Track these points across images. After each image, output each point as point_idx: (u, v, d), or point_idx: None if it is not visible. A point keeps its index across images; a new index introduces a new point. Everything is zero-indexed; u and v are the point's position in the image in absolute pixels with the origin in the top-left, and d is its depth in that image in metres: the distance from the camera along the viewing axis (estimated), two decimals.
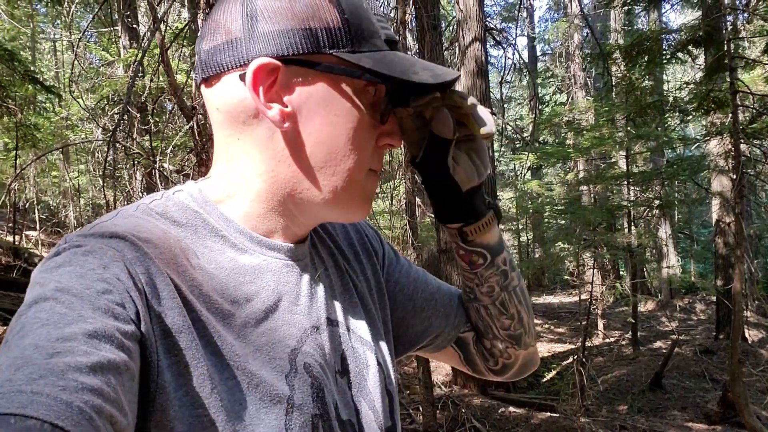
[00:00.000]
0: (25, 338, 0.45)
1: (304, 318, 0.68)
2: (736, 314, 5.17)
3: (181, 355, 0.55)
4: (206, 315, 0.59)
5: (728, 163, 8.09)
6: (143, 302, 0.53)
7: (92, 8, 8.45)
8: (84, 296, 0.49)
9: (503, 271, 0.83)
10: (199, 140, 4.18)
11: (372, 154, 0.68)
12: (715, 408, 5.86)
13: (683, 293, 13.60)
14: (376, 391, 0.73)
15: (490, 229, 0.80)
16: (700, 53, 7.12)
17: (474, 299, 0.86)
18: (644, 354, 8.32)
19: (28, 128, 6.78)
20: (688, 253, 16.96)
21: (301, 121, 0.64)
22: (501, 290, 0.84)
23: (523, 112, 21.80)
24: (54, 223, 12.64)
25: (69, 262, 0.53)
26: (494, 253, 0.81)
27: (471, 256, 0.81)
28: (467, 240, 0.80)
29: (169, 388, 0.53)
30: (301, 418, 0.61)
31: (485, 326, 0.87)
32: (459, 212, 0.78)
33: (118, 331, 0.48)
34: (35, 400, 0.39)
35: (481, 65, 6.84)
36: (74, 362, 0.43)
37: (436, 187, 0.76)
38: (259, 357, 0.61)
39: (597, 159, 10.22)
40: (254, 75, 0.61)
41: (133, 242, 0.57)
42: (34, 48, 14.76)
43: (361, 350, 0.74)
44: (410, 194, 5.39)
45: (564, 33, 15.05)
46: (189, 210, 0.67)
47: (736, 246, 5.29)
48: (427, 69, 0.64)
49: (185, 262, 0.61)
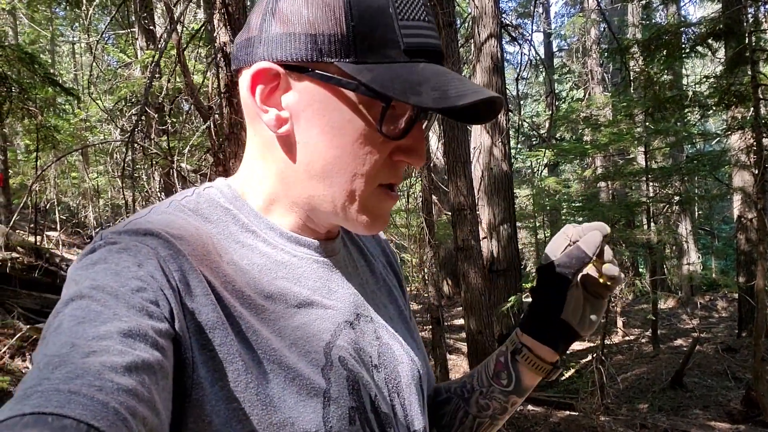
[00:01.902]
0: (62, 335, 0.45)
1: (337, 313, 0.68)
2: (759, 311, 5.09)
3: (216, 350, 0.55)
4: (240, 310, 0.59)
5: (750, 158, 7.94)
6: (177, 300, 0.54)
7: (110, 11, 8.54)
8: (119, 294, 0.50)
9: (505, 408, 0.84)
10: (216, 140, 4.20)
11: (382, 169, 0.64)
12: (738, 407, 5.78)
13: (704, 290, 13.43)
14: (410, 387, 0.74)
15: (538, 374, 0.81)
16: (721, 46, 7.02)
17: (465, 399, 0.87)
18: (665, 352, 8.23)
19: (48, 130, 6.88)
20: (709, 250, 16.76)
21: (297, 128, 0.64)
22: (489, 417, 0.85)
23: (540, 108, 21.64)
24: (74, 224, 12.82)
25: (104, 259, 0.54)
26: (518, 391, 0.83)
27: (504, 371, 0.82)
28: (516, 357, 0.81)
29: (204, 384, 0.54)
30: (338, 411, 0.61)
31: (448, 424, 0.88)
32: (540, 328, 0.79)
33: (153, 329, 0.49)
34: (72, 400, 0.39)
35: (496, 62, 6.81)
36: (110, 362, 0.43)
37: (544, 293, 0.78)
38: (295, 351, 0.61)
39: (615, 155, 10.12)
40: (252, 78, 0.63)
41: (166, 239, 0.57)
42: (53, 51, 14.97)
43: (395, 347, 0.74)
44: (427, 192, 5.38)
45: (580, 28, 14.92)
46: (220, 206, 0.67)
47: (759, 242, 5.21)
48: (438, 89, 0.58)
49: (217, 258, 0.61)
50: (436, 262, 5.85)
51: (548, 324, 0.78)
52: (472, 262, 5.76)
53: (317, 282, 0.68)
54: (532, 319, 0.79)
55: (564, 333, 0.78)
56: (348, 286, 0.72)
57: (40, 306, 5.95)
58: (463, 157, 5.92)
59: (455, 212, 5.83)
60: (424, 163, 0.67)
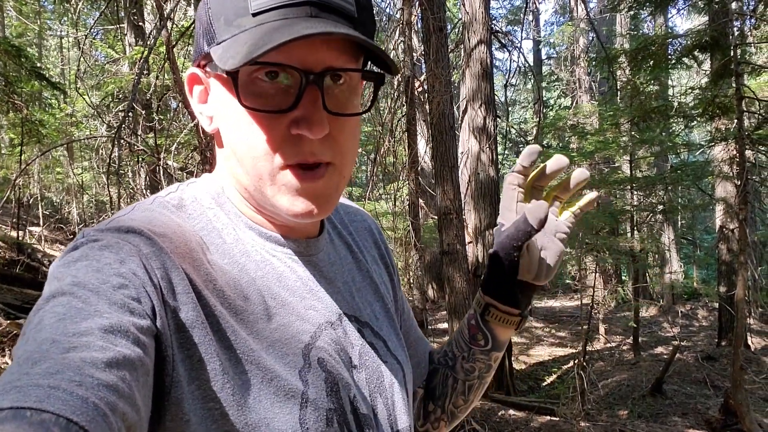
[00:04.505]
0: (42, 332, 0.45)
1: (317, 314, 0.68)
2: (738, 321, 5.15)
3: (195, 349, 0.55)
4: (220, 310, 0.59)
5: (733, 169, 8.06)
6: (159, 297, 0.54)
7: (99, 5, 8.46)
8: (100, 291, 0.50)
9: (489, 366, 0.87)
10: (204, 138, 4.18)
11: (281, 146, 0.60)
12: (717, 415, 5.84)
13: (685, 299, 13.56)
14: (393, 387, 0.74)
15: (509, 327, 0.82)
16: (706, 58, 7.11)
17: (450, 367, 0.88)
18: (645, 359, 8.30)
19: (33, 124, 6.80)
20: (691, 259, 16.93)
21: (219, 123, 0.66)
22: (477, 377, 0.87)
23: (528, 115, 21.77)
24: (57, 220, 12.67)
25: (86, 256, 0.54)
26: (495, 347, 0.84)
27: (478, 332, 0.84)
28: (485, 318, 0.82)
29: (183, 382, 0.53)
30: (315, 413, 0.61)
31: (441, 393, 0.90)
32: (499, 291, 0.80)
33: (134, 326, 0.49)
34: (52, 395, 0.39)
35: (486, 68, 6.84)
36: (90, 358, 0.43)
37: (498, 260, 0.78)
38: (273, 352, 0.61)
39: (601, 163, 10.20)
40: (188, 83, 0.68)
41: (149, 237, 0.57)
42: (41, 45, 14.80)
43: (379, 346, 0.74)
44: (413, 196, 5.39)
45: (569, 37, 15.04)
46: (203, 203, 0.67)
47: (740, 252, 5.28)
48: (257, 43, 0.55)
49: (200, 256, 0.61)
50: (422, 265, 5.86)
51: (506, 285, 0.79)
52: (457, 266, 5.78)
53: (297, 282, 0.68)
54: (491, 283, 0.80)
55: (522, 289, 0.79)
56: (330, 285, 0.72)
57: (21, 302, 5.88)
58: (450, 162, 5.94)
59: (441, 216, 5.85)
60: (323, 133, 0.59)
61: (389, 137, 5.90)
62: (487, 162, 6.85)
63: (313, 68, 0.59)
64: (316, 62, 0.59)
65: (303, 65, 0.58)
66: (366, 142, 10.07)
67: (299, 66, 0.58)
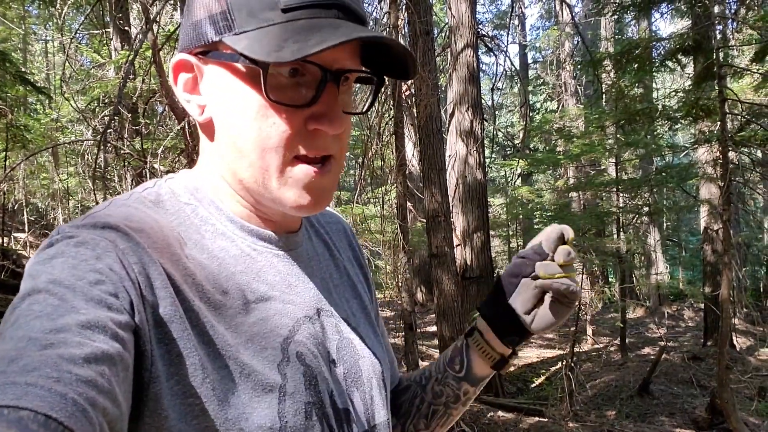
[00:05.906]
0: (18, 330, 0.45)
1: (296, 308, 0.68)
2: (723, 321, 5.21)
3: (173, 344, 0.55)
4: (199, 305, 0.59)
5: (716, 170, 8.14)
6: (137, 292, 0.53)
7: (84, 10, 8.41)
8: (77, 288, 0.49)
9: (457, 396, 0.86)
10: (190, 141, 4.17)
11: (294, 140, 0.62)
12: (703, 414, 5.90)
13: (672, 300, 13.67)
14: (370, 381, 0.74)
15: (486, 361, 0.83)
16: (689, 61, 7.20)
17: (422, 386, 0.89)
18: (632, 360, 8.36)
19: (18, 129, 6.74)
20: (677, 260, 17.08)
21: (213, 112, 0.65)
22: (443, 404, 0.87)
23: (514, 119, 21.88)
24: (42, 225, 12.53)
25: (62, 253, 0.53)
26: (468, 377, 0.85)
27: (458, 356, 0.85)
28: (468, 341, 0.83)
29: (161, 378, 0.53)
30: (294, 406, 0.61)
31: (406, 411, 0.90)
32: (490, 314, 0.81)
33: (112, 321, 0.48)
34: (29, 392, 0.38)
35: (472, 72, 6.88)
36: (68, 354, 0.43)
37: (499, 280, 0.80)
38: (251, 347, 0.61)
39: (587, 166, 10.29)
40: (173, 71, 0.66)
41: (125, 232, 0.57)
42: (25, 49, 14.66)
43: (356, 342, 0.74)
44: (402, 198, 5.40)
45: (555, 41, 15.14)
46: (180, 198, 0.67)
47: (724, 253, 5.34)
48: (300, 41, 0.56)
49: (178, 251, 0.61)
50: (410, 268, 5.87)
51: (498, 307, 0.80)
52: (445, 268, 5.79)
53: (276, 276, 0.68)
54: (488, 301, 0.81)
55: (513, 323, 0.80)
56: (308, 280, 0.72)
57: (6, 308, 5.81)
58: (438, 165, 5.96)
59: (430, 219, 5.86)
60: (341, 129, 0.62)
61: (377, 140, 5.90)
62: (475, 165, 6.88)
63: (330, 67, 0.61)
64: (333, 61, 0.61)
65: (324, 63, 0.60)
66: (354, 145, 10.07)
67: (322, 64, 0.60)
